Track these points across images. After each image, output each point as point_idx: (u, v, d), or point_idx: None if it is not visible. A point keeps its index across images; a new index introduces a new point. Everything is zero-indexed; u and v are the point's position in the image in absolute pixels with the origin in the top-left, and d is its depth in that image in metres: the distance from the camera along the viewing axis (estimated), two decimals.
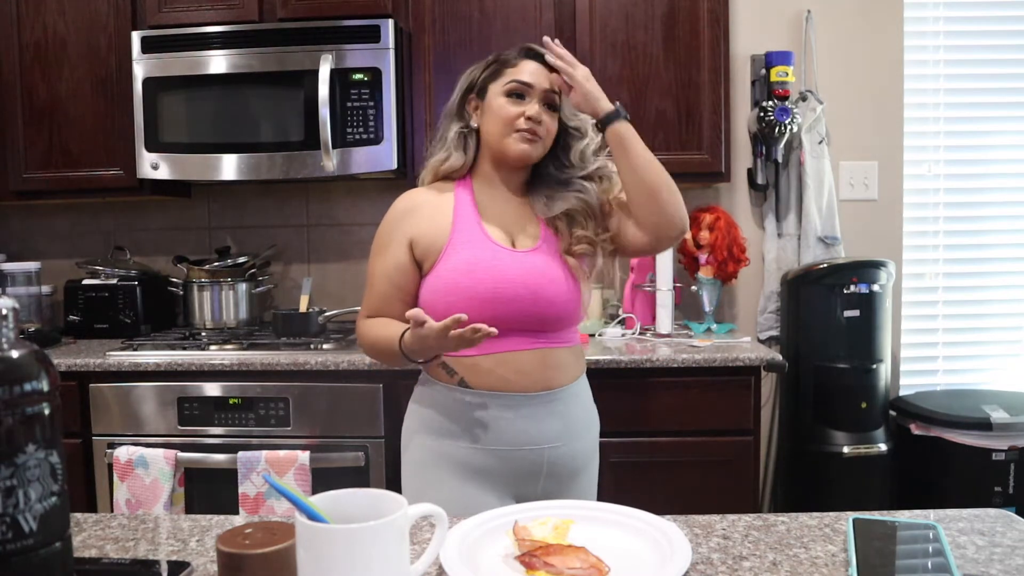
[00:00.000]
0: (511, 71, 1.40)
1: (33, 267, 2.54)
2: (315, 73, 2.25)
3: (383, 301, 1.42)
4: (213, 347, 2.25)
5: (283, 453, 2.01)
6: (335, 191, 2.74)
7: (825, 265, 2.43)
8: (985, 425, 2.25)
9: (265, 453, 2.01)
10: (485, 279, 1.33)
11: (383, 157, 2.29)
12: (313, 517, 0.70)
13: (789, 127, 2.48)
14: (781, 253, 2.63)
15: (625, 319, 2.48)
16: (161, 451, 2.03)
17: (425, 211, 1.41)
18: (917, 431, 2.36)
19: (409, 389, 1.50)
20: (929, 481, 2.37)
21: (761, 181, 2.60)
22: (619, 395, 2.02)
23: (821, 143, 2.58)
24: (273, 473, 1.99)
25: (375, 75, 2.27)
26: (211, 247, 2.76)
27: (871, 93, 2.63)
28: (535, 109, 1.38)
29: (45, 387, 0.64)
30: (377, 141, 2.28)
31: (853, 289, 2.37)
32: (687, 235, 2.52)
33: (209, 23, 2.34)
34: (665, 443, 2.08)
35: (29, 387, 0.63)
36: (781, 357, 2.11)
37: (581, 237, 1.40)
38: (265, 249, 2.71)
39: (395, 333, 1.33)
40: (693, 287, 2.57)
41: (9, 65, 2.44)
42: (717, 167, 2.36)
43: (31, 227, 2.81)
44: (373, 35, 2.27)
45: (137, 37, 2.34)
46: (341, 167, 2.29)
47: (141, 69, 2.34)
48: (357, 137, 2.29)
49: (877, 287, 2.39)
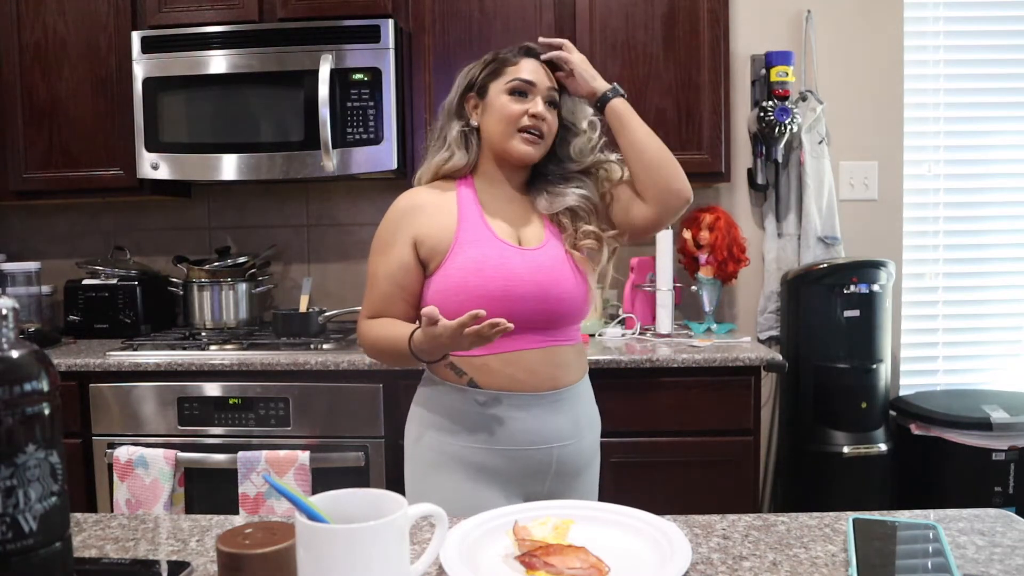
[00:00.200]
0: (512, 69, 1.40)
1: (33, 267, 2.54)
2: (315, 73, 2.25)
3: (385, 301, 1.40)
4: (213, 347, 2.25)
5: (283, 453, 2.01)
6: (335, 191, 2.74)
7: (825, 265, 2.43)
8: (985, 425, 2.25)
9: (265, 453, 2.01)
10: (496, 277, 1.32)
11: (383, 157, 2.29)
12: (313, 517, 0.70)
13: (789, 127, 2.48)
14: (781, 253, 2.63)
15: (625, 319, 2.48)
16: (161, 451, 2.03)
17: (429, 210, 1.39)
18: (917, 431, 2.36)
19: (409, 389, 1.49)
20: (929, 481, 2.37)
21: (761, 181, 2.60)
22: (619, 395, 2.02)
23: (821, 143, 2.58)
24: (273, 473, 1.99)
25: (375, 75, 2.27)
26: (211, 247, 2.76)
27: (871, 93, 2.63)
28: (539, 106, 1.38)
29: (45, 387, 0.64)
30: (377, 141, 2.28)
31: (853, 289, 2.37)
32: (687, 235, 2.52)
33: (209, 23, 2.34)
34: (665, 443, 2.08)
35: (29, 387, 0.63)
36: (781, 357, 2.12)
37: (588, 232, 1.41)
38: (265, 249, 2.71)
39: (402, 333, 1.32)
40: (693, 287, 2.57)
41: (9, 65, 2.44)
42: (717, 167, 2.37)
43: (31, 227, 2.82)
44: (373, 35, 2.27)
45: (137, 37, 2.34)
46: (341, 167, 2.29)
47: (141, 69, 2.34)
48: (357, 137, 2.29)
49: (877, 287, 2.39)
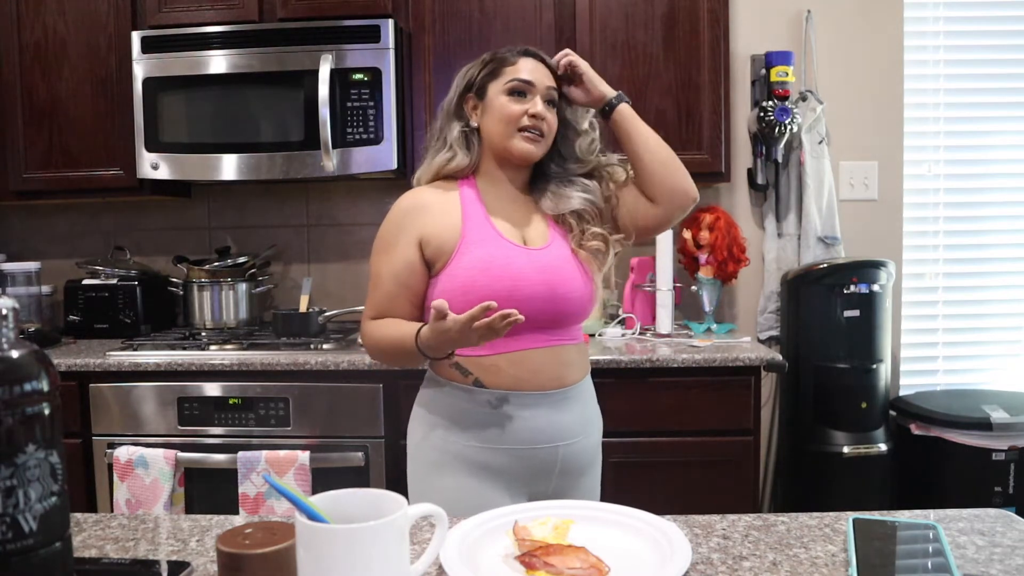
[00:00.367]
0: (510, 69, 1.40)
1: (33, 267, 2.54)
2: (315, 73, 2.25)
3: (390, 301, 1.39)
4: (213, 347, 2.25)
5: (283, 453, 2.01)
6: (335, 191, 2.74)
7: (825, 265, 2.43)
8: (985, 425, 2.25)
9: (265, 453, 2.01)
10: (503, 277, 1.32)
11: (383, 157, 2.29)
12: (313, 517, 0.70)
13: (789, 127, 2.48)
14: (781, 253, 2.63)
15: (625, 319, 2.48)
16: (161, 451, 2.03)
17: (433, 210, 1.39)
18: (917, 431, 2.36)
19: (409, 389, 1.49)
20: (929, 481, 2.37)
21: (761, 181, 2.60)
22: (619, 395, 2.02)
23: (821, 143, 2.58)
24: (273, 473, 1.99)
25: (375, 75, 2.27)
26: (211, 247, 2.76)
27: (871, 93, 2.63)
28: (539, 106, 1.38)
29: (45, 387, 0.64)
30: (377, 141, 2.28)
31: (853, 289, 2.37)
32: (687, 235, 2.52)
33: (209, 23, 2.34)
34: (665, 443, 2.08)
35: (29, 387, 0.63)
36: (781, 357, 2.12)
37: (595, 234, 1.41)
38: (265, 249, 2.71)
39: (407, 331, 1.31)
40: (693, 287, 2.57)
41: (9, 65, 2.44)
42: (717, 167, 2.36)
43: (31, 227, 2.81)
44: (373, 35, 2.27)
45: (137, 37, 2.34)
46: (341, 167, 2.29)
47: (141, 69, 2.34)
48: (357, 137, 2.29)
49: (877, 287, 2.39)
